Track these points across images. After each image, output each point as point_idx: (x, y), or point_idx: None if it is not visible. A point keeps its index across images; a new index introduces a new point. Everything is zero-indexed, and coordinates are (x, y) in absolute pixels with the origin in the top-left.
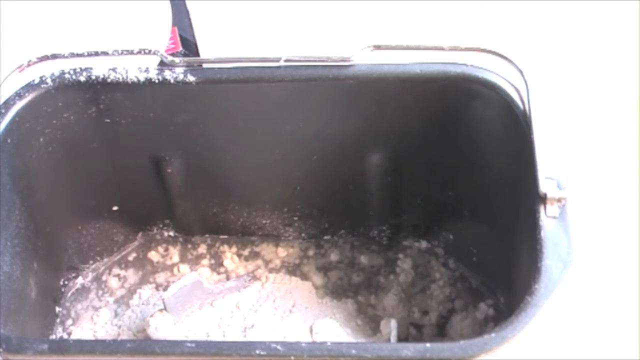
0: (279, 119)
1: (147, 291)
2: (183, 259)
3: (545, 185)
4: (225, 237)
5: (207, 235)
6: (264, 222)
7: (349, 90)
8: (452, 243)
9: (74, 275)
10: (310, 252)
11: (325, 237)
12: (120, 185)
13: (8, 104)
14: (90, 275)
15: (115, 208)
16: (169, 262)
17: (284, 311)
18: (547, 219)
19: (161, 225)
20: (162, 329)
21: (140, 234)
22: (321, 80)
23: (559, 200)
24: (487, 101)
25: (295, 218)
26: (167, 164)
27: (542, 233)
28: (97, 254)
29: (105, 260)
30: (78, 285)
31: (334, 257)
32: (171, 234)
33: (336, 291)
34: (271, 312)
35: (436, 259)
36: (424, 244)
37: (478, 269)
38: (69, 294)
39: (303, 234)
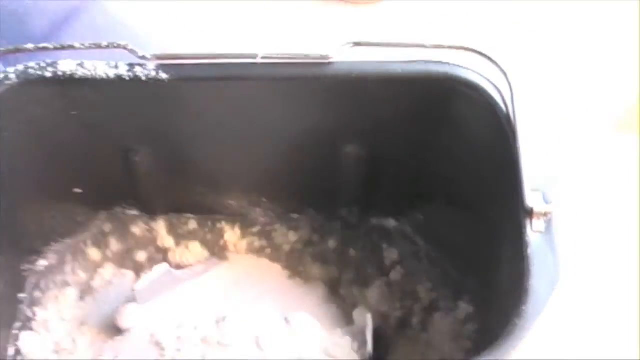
0: (254, 115)
1: (108, 271)
2: (147, 239)
3: (531, 199)
4: (190, 215)
5: (171, 214)
6: (230, 202)
7: (327, 89)
8: (423, 223)
9: (35, 258)
10: (278, 233)
11: (293, 216)
12: (85, 170)
13: None
14: (53, 257)
15: (78, 190)
16: (132, 243)
17: (255, 297)
18: (534, 235)
19: (124, 205)
20: (132, 319)
21: (102, 213)
22: (299, 79)
23: (545, 214)
24: (470, 102)
25: (264, 199)
26: (135, 153)
27: (529, 250)
28: (59, 235)
29: (68, 241)
30: (40, 268)
31: (301, 236)
32: (135, 212)
33: (305, 273)
34: (241, 298)
35: (415, 246)
36: (392, 222)
37: (448, 252)
38: (32, 277)
39: (270, 213)
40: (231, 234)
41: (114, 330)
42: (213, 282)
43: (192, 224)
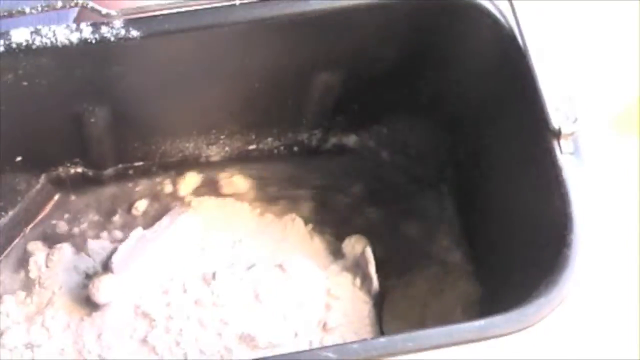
0: (226, 60)
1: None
2: (96, 198)
3: (556, 119)
4: (141, 164)
5: (120, 166)
6: (187, 145)
7: (308, 24)
8: (386, 136)
9: None
10: (237, 168)
11: (251, 147)
12: (29, 138)
13: None
14: None
15: (19, 159)
16: (80, 204)
17: (234, 242)
18: (564, 157)
19: (68, 164)
20: (110, 292)
21: (43, 176)
22: (279, 18)
23: (572, 133)
24: (470, 19)
25: (222, 137)
26: (90, 114)
27: (563, 174)
28: (1, 209)
29: (10, 214)
30: None
31: (261, 168)
32: (79, 170)
33: (276, 207)
34: (220, 247)
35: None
36: (352, 139)
37: (415, 160)
38: None
39: (227, 149)
40: (190, 179)
41: (87, 307)
42: (185, 233)
43: (143, 176)
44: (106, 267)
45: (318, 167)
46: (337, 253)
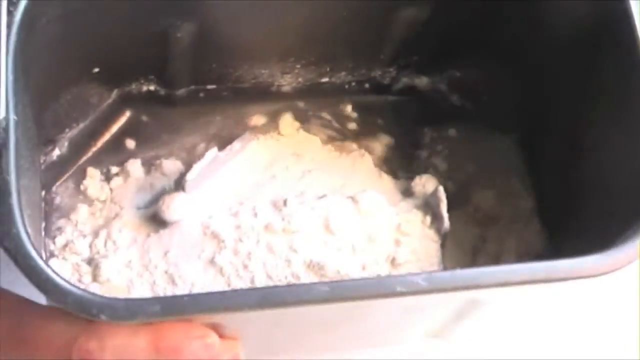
0: None
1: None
2: (167, 118)
3: None
4: (213, 87)
5: (192, 87)
6: (262, 72)
7: None
8: (458, 80)
9: (50, 148)
10: (304, 102)
11: (323, 80)
12: (110, 49)
13: None
14: (67, 145)
15: (96, 70)
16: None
17: (302, 172)
18: None
19: (142, 81)
20: (181, 211)
21: (115, 91)
22: None
23: None
24: None
25: (298, 66)
26: (177, 29)
27: None
28: (73, 121)
29: (81, 125)
30: (54, 158)
31: (334, 104)
32: (151, 88)
33: (345, 142)
34: (288, 172)
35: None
36: (424, 81)
37: (487, 106)
38: (46, 167)
39: (300, 79)
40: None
41: (154, 224)
42: (255, 160)
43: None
44: (179, 185)
45: (387, 106)
46: (406, 192)
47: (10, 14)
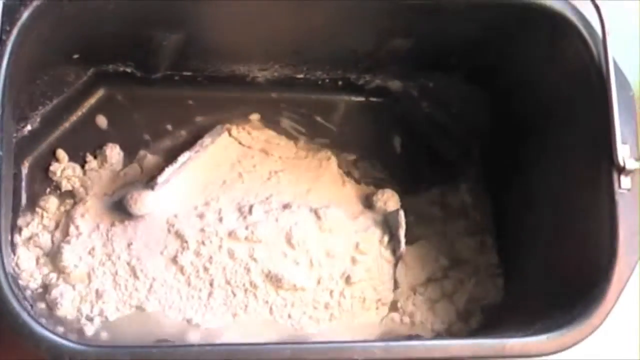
0: None
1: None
2: (142, 99)
3: (622, 153)
4: (189, 74)
5: (168, 72)
6: (240, 67)
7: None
8: (431, 89)
9: (22, 125)
10: (277, 93)
11: (298, 76)
12: (94, 44)
13: None
14: (39, 121)
15: (76, 56)
16: (126, 104)
17: (269, 172)
18: (621, 193)
19: (119, 64)
20: (145, 206)
21: (91, 70)
22: None
23: (633, 171)
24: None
25: (277, 66)
26: (164, 38)
27: (618, 209)
28: (47, 99)
29: (55, 102)
30: (26, 134)
31: (306, 103)
32: (128, 70)
33: (312, 141)
34: (256, 172)
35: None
36: (396, 84)
37: (455, 120)
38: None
39: (275, 74)
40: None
41: (119, 214)
42: (224, 156)
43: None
44: (149, 184)
45: (359, 106)
46: (366, 201)
47: None
